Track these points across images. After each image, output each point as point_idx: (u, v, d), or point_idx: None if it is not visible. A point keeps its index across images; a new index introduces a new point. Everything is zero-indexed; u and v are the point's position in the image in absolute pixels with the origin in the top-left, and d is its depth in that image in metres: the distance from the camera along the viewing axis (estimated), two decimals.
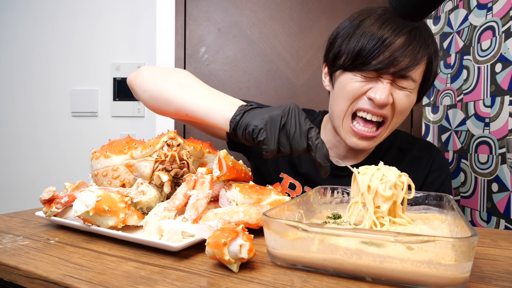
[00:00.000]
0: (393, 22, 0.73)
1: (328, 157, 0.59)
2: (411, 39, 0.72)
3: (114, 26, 1.83)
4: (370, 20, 0.75)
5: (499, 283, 0.37)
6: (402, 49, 0.71)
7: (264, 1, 1.68)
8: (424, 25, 0.76)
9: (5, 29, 1.92)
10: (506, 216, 1.03)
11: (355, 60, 0.74)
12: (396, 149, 0.90)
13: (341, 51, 0.77)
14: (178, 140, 0.64)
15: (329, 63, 0.83)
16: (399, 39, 0.71)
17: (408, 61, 0.72)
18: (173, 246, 0.44)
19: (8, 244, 0.49)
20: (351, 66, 0.75)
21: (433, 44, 0.77)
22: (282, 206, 0.50)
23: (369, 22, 0.74)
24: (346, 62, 0.76)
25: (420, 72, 0.76)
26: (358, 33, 0.75)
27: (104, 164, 0.62)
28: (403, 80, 0.74)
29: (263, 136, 0.57)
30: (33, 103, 1.91)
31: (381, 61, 0.72)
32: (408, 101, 0.77)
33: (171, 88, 0.71)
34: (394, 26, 0.72)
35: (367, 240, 0.36)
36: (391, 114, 0.77)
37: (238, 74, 1.70)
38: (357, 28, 0.75)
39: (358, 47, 0.73)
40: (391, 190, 0.47)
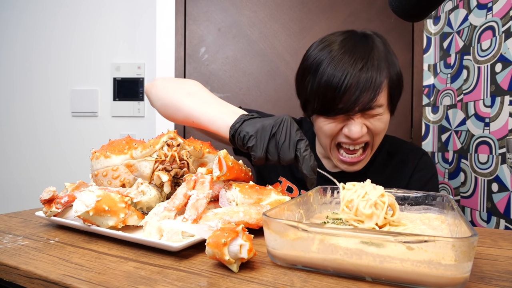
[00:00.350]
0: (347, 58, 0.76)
1: (315, 169, 0.61)
2: (366, 72, 0.75)
3: (114, 26, 1.83)
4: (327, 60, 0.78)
5: (499, 283, 0.37)
6: (358, 88, 0.75)
7: (264, 1, 1.68)
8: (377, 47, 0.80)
9: (5, 29, 1.92)
10: (506, 216, 1.03)
11: (322, 108, 0.80)
12: (385, 153, 0.95)
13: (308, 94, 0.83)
14: (178, 140, 0.64)
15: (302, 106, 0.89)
16: (354, 78, 0.75)
17: (369, 95, 0.75)
18: (173, 246, 0.44)
19: (8, 244, 0.49)
20: (321, 112, 0.81)
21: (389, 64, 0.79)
22: (282, 206, 0.50)
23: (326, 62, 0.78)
24: (316, 108, 0.81)
25: (384, 96, 0.79)
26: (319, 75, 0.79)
27: (104, 164, 0.62)
28: (371, 110, 0.78)
29: (252, 142, 0.61)
30: (33, 103, 1.91)
31: (344, 106, 0.77)
32: (382, 123, 0.82)
33: (180, 97, 0.77)
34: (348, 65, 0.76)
35: (367, 240, 0.36)
36: (371, 138, 0.83)
37: (238, 74, 1.70)
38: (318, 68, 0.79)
39: (321, 95, 0.79)
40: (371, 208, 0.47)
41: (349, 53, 0.77)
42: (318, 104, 0.80)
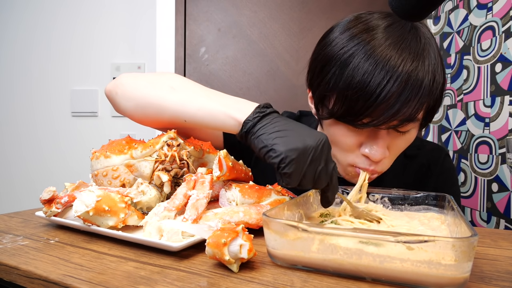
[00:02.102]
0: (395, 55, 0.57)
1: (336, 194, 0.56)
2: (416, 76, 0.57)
3: (114, 26, 1.83)
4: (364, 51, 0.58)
5: (499, 283, 0.37)
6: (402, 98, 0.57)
7: (264, 1, 1.68)
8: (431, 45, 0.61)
9: (5, 29, 1.92)
10: (506, 216, 1.03)
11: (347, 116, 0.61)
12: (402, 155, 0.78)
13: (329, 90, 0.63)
14: (178, 140, 0.64)
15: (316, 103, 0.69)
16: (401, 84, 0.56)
17: (413, 107, 0.57)
18: (173, 246, 0.44)
19: (8, 244, 0.49)
20: (345, 119, 0.62)
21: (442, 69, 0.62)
22: (282, 206, 0.50)
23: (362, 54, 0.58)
24: (336, 112, 0.62)
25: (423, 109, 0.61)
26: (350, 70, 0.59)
27: (104, 164, 0.62)
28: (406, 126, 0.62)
29: (289, 169, 0.48)
30: (33, 103, 1.91)
31: (377, 117, 0.58)
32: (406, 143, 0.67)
33: (162, 93, 0.63)
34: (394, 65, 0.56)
35: (367, 240, 0.36)
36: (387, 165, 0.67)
37: (238, 74, 1.70)
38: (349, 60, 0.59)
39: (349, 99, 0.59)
40: None
41: (396, 49, 0.57)
42: (342, 109, 0.61)
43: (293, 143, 0.49)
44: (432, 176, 0.80)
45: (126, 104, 0.68)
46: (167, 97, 0.63)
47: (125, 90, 0.67)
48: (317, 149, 0.50)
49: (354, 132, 0.64)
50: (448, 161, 0.82)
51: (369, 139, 0.64)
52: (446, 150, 0.85)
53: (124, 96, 0.67)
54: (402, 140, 0.65)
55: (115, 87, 0.69)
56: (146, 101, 0.65)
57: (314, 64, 0.68)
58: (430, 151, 0.82)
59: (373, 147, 0.62)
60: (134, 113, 0.67)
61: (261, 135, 0.51)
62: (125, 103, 0.67)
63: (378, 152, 0.62)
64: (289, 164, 0.48)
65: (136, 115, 0.67)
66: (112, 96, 0.70)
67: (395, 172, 0.79)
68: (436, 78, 0.60)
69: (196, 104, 0.60)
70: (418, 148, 0.82)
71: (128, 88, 0.67)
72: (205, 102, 0.60)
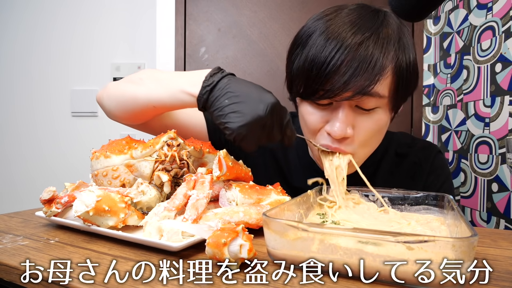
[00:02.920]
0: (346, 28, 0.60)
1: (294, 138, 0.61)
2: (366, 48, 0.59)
3: (114, 26, 1.83)
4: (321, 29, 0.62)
5: (499, 283, 0.37)
6: (352, 67, 0.58)
7: (264, 1, 1.68)
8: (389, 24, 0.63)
9: (5, 29, 1.92)
10: (506, 216, 1.03)
11: (305, 90, 0.64)
12: (392, 153, 0.81)
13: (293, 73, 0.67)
14: (178, 140, 0.64)
15: (288, 86, 0.73)
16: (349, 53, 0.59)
17: (366, 78, 0.59)
18: (173, 246, 0.44)
19: (8, 244, 0.49)
20: (304, 94, 0.65)
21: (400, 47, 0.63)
22: (282, 206, 0.50)
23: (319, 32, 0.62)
24: (298, 90, 0.66)
25: (386, 86, 0.62)
26: (308, 47, 0.63)
27: (104, 164, 0.62)
28: (365, 99, 0.61)
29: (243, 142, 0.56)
30: (33, 103, 1.91)
31: (331, 88, 0.59)
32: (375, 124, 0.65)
33: (133, 86, 0.70)
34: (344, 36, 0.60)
35: (366, 240, 0.36)
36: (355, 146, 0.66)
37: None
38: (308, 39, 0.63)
39: (306, 73, 0.62)
40: None
41: (350, 24, 0.61)
42: (301, 85, 0.64)
43: (244, 117, 0.53)
44: (423, 173, 0.80)
45: (110, 104, 0.75)
46: (137, 89, 0.69)
47: (109, 92, 0.75)
48: (267, 117, 0.54)
49: (318, 110, 0.66)
50: (440, 158, 0.82)
51: (331, 117, 0.64)
52: (438, 147, 0.84)
53: (109, 97, 0.75)
54: (369, 120, 0.64)
55: (102, 92, 0.77)
56: (122, 97, 0.71)
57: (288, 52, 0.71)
58: (422, 149, 0.82)
59: (334, 123, 0.63)
60: (116, 110, 0.74)
61: (215, 110, 0.56)
62: (110, 103, 0.75)
63: (338, 128, 0.62)
64: (242, 140, 0.55)
65: (118, 112, 0.74)
66: (101, 100, 0.78)
67: (387, 171, 0.80)
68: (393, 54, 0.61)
69: (159, 89, 0.66)
70: (409, 146, 0.82)
71: (111, 90, 0.75)
72: (166, 85, 0.65)
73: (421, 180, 0.80)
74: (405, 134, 0.86)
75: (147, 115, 0.72)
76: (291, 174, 0.85)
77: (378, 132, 0.67)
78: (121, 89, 0.73)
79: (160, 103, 0.66)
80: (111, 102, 0.74)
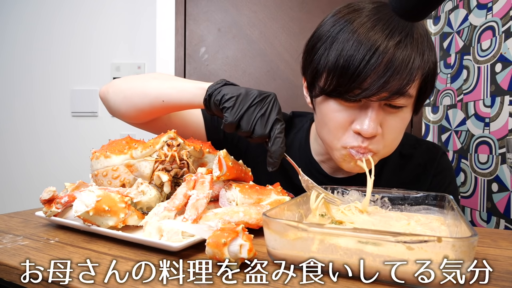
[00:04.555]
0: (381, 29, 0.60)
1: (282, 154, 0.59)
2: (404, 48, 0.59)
3: (114, 26, 1.83)
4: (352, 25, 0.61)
5: (499, 283, 0.37)
6: (392, 68, 0.58)
7: (264, 1, 1.68)
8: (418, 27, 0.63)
9: (5, 29, 1.92)
10: (506, 216, 1.03)
11: (337, 88, 0.62)
12: (397, 154, 0.79)
13: (319, 68, 0.65)
14: (178, 140, 0.64)
15: (308, 83, 0.71)
16: (388, 54, 0.58)
17: (403, 79, 0.59)
18: (173, 246, 0.44)
19: (8, 244, 0.49)
20: (335, 93, 0.63)
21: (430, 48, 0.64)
22: (282, 206, 0.50)
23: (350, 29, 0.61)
24: (327, 88, 0.63)
25: (415, 86, 0.63)
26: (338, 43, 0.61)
27: (104, 164, 0.62)
28: (398, 99, 0.62)
29: (229, 104, 0.58)
30: (33, 103, 1.91)
31: (368, 87, 0.59)
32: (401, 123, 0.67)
33: (145, 82, 0.73)
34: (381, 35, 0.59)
35: (367, 240, 0.36)
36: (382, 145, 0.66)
37: (238, 74, 1.70)
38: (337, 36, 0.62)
39: (339, 71, 0.61)
40: None
41: (384, 22, 0.60)
42: (332, 82, 0.62)
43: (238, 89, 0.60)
44: (428, 175, 0.80)
45: (115, 99, 0.76)
46: (148, 84, 0.73)
47: (115, 87, 0.77)
48: (259, 96, 0.59)
49: (345, 107, 0.64)
50: (445, 160, 0.82)
51: (360, 115, 0.64)
52: (442, 149, 0.84)
53: (115, 92, 0.76)
54: (396, 118, 0.65)
55: (107, 87, 0.79)
56: (132, 91, 0.74)
57: (307, 48, 0.70)
58: (426, 150, 0.82)
59: (364, 121, 0.62)
60: (122, 106, 0.76)
61: (219, 93, 0.61)
62: (115, 97, 0.76)
63: (369, 126, 0.61)
64: (228, 100, 0.58)
65: (123, 108, 0.76)
66: (104, 95, 0.79)
67: (392, 172, 0.80)
68: (426, 55, 0.62)
69: (171, 84, 0.71)
70: (414, 147, 0.82)
71: (118, 85, 0.77)
72: (179, 82, 0.71)
73: (426, 181, 0.80)
74: (408, 134, 0.84)
75: (153, 112, 0.74)
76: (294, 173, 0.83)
77: (402, 131, 0.68)
78: (130, 83, 0.75)
79: (169, 98, 0.70)
80: (117, 96, 0.76)
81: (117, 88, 0.77)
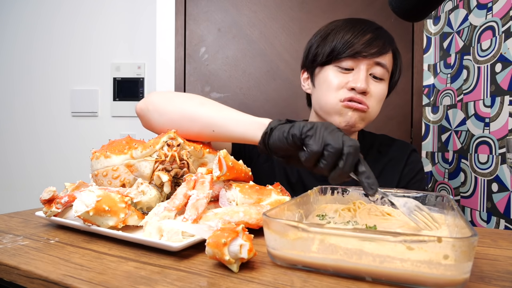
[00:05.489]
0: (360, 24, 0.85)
1: None
2: (376, 34, 0.84)
3: (114, 26, 1.83)
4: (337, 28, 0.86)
5: (499, 283, 0.37)
6: (370, 40, 0.83)
7: (264, 1, 1.68)
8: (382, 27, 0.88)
9: (5, 29, 1.92)
10: (506, 216, 1.03)
11: (332, 53, 0.84)
12: (375, 151, 0.97)
13: (318, 52, 0.88)
14: (178, 140, 0.64)
15: (308, 66, 0.92)
16: (367, 35, 0.83)
17: (377, 49, 0.83)
18: (173, 246, 0.44)
19: (8, 244, 0.49)
20: (328, 59, 0.85)
21: (393, 42, 0.89)
22: (282, 206, 0.50)
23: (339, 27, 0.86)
24: (324, 58, 0.85)
25: (389, 62, 0.86)
26: (332, 34, 0.86)
27: (104, 164, 0.62)
28: (377, 68, 0.84)
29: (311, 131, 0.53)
30: (33, 103, 1.91)
31: (354, 49, 0.82)
32: (382, 91, 0.86)
33: (194, 107, 0.70)
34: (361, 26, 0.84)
35: (367, 240, 0.36)
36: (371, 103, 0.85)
37: (238, 74, 1.70)
38: (331, 32, 0.86)
39: (333, 44, 0.84)
40: None
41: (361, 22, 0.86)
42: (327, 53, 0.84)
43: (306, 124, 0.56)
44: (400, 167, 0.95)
45: (159, 119, 0.73)
46: (199, 110, 0.69)
47: (158, 106, 0.73)
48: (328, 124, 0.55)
49: (341, 74, 0.85)
50: (414, 155, 0.97)
51: (353, 77, 0.83)
52: (413, 146, 1.00)
53: (158, 111, 0.73)
54: (378, 86, 0.86)
55: (147, 104, 0.75)
56: (179, 115, 0.70)
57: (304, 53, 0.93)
58: (399, 147, 0.98)
59: (357, 80, 0.82)
60: (165, 125, 0.72)
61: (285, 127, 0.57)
62: (158, 118, 0.73)
63: (362, 82, 0.81)
64: (311, 128, 0.53)
65: (167, 127, 0.71)
66: (143, 113, 0.76)
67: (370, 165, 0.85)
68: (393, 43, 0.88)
69: (224, 114, 0.68)
70: (389, 145, 0.99)
71: (162, 105, 0.73)
72: (232, 113, 0.68)
73: (398, 172, 0.95)
74: (386, 136, 1.03)
75: (199, 137, 0.71)
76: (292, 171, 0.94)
77: (382, 99, 0.88)
78: (177, 106, 0.71)
79: (221, 128, 0.67)
80: (160, 116, 0.72)
81: (160, 107, 0.73)
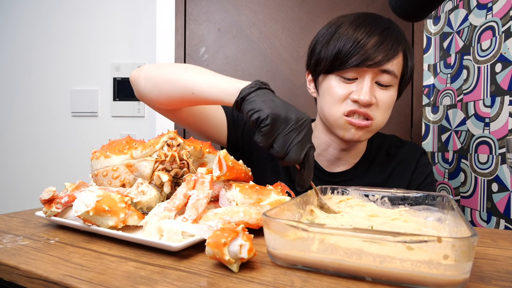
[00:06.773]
0: (366, 25, 0.77)
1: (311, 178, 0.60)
2: (383, 37, 0.76)
3: (114, 26, 1.83)
4: (344, 25, 0.79)
5: (499, 283, 0.37)
6: (375, 46, 0.75)
7: (264, 1, 1.68)
8: (395, 25, 0.81)
9: (5, 28, 1.92)
10: (506, 216, 1.03)
11: (334, 62, 0.78)
12: (384, 153, 0.94)
13: (321, 57, 0.81)
14: (178, 140, 0.64)
15: (311, 70, 0.87)
16: (372, 39, 0.75)
17: (383, 55, 0.76)
18: (173, 246, 0.44)
19: (8, 244, 0.49)
20: (331, 68, 0.79)
21: (405, 40, 0.81)
22: (282, 206, 0.50)
23: (344, 27, 0.79)
24: (326, 66, 0.79)
25: (397, 66, 0.79)
26: (334, 38, 0.79)
27: (104, 164, 0.62)
28: (383, 75, 0.77)
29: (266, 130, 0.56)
30: (33, 103, 1.91)
31: (357, 59, 0.75)
32: (390, 98, 0.80)
33: (177, 71, 0.74)
34: (367, 29, 0.77)
35: (367, 240, 0.36)
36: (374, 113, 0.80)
37: (238, 74, 1.70)
38: (334, 34, 0.79)
39: (335, 50, 0.77)
40: None
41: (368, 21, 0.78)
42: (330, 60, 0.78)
43: (278, 110, 0.57)
44: (409, 170, 0.92)
45: (145, 84, 0.78)
46: (180, 74, 0.73)
47: (147, 72, 0.79)
48: (297, 123, 0.57)
49: (344, 84, 0.79)
50: (424, 158, 0.93)
51: (356, 88, 0.78)
52: (423, 149, 0.96)
53: (146, 77, 0.78)
54: (386, 93, 0.80)
55: (138, 72, 0.81)
56: (162, 78, 0.75)
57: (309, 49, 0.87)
58: (409, 150, 0.94)
59: (361, 92, 0.77)
60: (151, 90, 0.77)
61: (253, 101, 0.59)
62: (145, 82, 0.78)
63: (365, 95, 0.76)
64: (268, 125, 0.55)
65: (153, 93, 0.77)
66: (135, 79, 0.81)
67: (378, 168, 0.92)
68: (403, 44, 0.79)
69: (204, 78, 0.70)
70: (398, 147, 0.95)
71: (150, 70, 0.79)
72: (212, 77, 0.70)
73: (407, 175, 0.91)
74: (395, 137, 0.99)
75: (181, 102, 0.75)
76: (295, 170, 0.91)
77: (391, 106, 0.82)
78: (162, 71, 0.76)
79: (200, 91, 0.69)
80: (147, 81, 0.77)
81: (148, 73, 0.78)
